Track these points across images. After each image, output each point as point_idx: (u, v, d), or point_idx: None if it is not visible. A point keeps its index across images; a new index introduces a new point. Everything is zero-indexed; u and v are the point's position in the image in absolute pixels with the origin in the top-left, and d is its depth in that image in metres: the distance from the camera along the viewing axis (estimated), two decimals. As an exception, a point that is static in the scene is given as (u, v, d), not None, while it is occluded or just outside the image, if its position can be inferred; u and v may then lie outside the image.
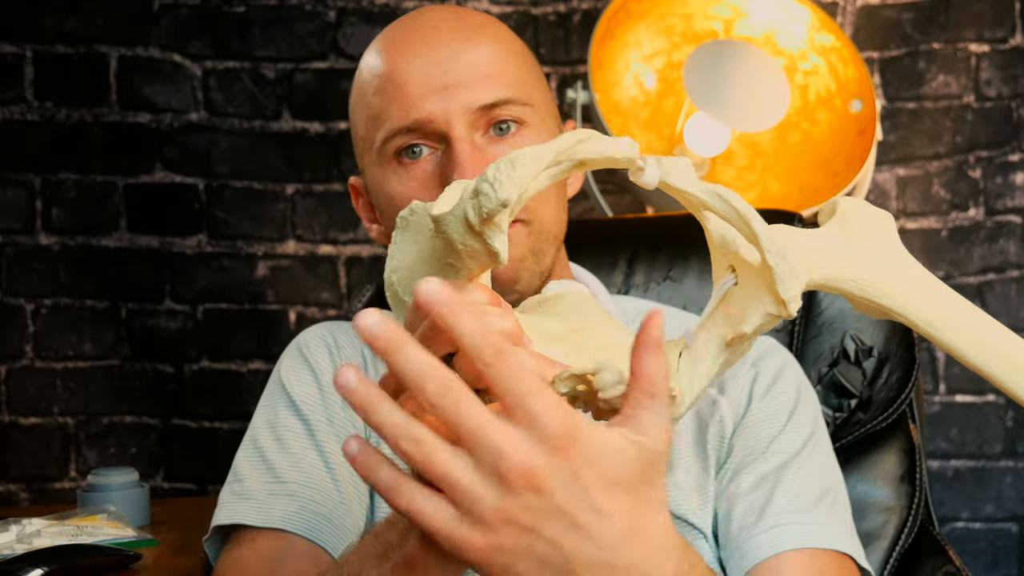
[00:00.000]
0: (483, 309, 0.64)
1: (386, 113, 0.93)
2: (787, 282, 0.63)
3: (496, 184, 0.60)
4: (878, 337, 1.28)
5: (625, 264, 1.31)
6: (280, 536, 0.93)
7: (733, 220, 0.64)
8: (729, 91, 1.81)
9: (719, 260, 0.69)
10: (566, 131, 1.02)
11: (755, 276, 0.65)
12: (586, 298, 0.73)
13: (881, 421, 1.27)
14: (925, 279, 0.70)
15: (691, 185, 0.65)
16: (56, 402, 2.10)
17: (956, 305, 0.70)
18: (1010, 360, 0.68)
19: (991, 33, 2.10)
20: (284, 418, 1.00)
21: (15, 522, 1.29)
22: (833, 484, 0.99)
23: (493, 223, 0.61)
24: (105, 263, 2.11)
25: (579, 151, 0.64)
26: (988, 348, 0.68)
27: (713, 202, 0.64)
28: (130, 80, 2.11)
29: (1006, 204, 2.11)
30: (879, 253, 0.70)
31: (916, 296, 0.69)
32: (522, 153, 0.61)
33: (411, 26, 0.96)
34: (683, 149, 1.86)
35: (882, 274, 0.69)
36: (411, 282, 0.69)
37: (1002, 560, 2.10)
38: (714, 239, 0.68)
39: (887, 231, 0.71)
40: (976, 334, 0.69)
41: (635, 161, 0.65)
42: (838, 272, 0.69)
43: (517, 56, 0.97)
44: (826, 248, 0.69)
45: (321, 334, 1.06)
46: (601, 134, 0.65)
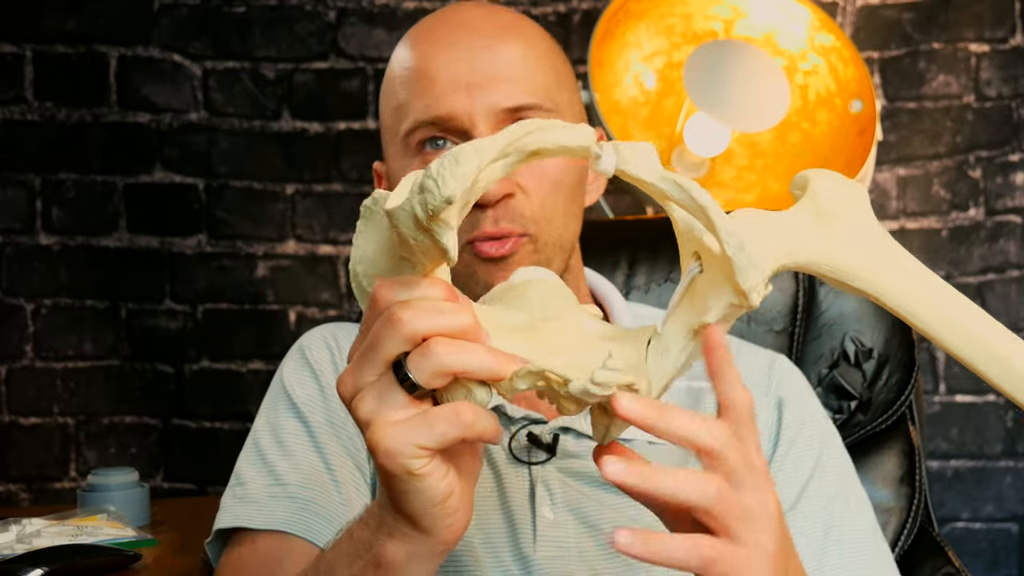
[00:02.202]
0: (437, 306, 0.63)
1: (411, 105, 0.94)
2: (746, 272, 0.62)
3: (440, 180, 0.59)
4: (878, 339, 1.28)
5: (626, 265, 1.31)
6: (280, 537, 0.93)
7: (691, 210, 0.64)
8: (729, 91, 1.81)
9: (685, 247, 0.68)
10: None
11: (718, 265, 0.64)
12: (554, 285, 0.71)
13: (881, 423, 1.27)
14: (897, 257, 0.69)
15: (648, 174, 0.64)
16: (56, 402, 2.10)
17: (928, 284, 0.69)
18: (982, 342, 0.68)
19: (991, 33, 2.10)
20: (285, 420, 1.00)
21: (15, 522, 1.29)
22: (870, 522, 1.00)
23: (440, 220, 0.60)
24: (105, 263, 2.11)
25: (529, 142, 0.63)
26: (960, 328, 0.68)
27: (671, 191, 0.64)
28: (130, 80, 2.11)
29: (1006, 204, 2.11)
30: (851, 232, 0.69)
31: (888, 276, 0.69)
32: (466, 147, 0.60)
33: (444, 20, 0.97)
34: (683, 149, 1.86)
35: (854, 255, 0.68)
36: (374, 273, 0.68)
37: (1002, 560, 2.10)
38: (679, 226, 0.67)
39: (860, 206, 0.70)
40: (949, 314, 0.68)
41: (590, 149, 0.64)
42: (809, 255, 0.68)
43: (546, 58, 0.96)
44: (796, 230, 0.68)
45: (323, 336, 1.06)
46: (556, 123, 0.63)
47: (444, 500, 0.65)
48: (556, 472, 0.94)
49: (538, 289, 0.71)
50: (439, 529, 0.66)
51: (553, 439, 0.94)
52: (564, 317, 0.69)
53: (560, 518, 0.92)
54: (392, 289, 0.64)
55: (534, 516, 0.92)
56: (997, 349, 0.68)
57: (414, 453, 0.63)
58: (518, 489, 0.93)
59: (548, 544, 0.91)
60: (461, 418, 0.63)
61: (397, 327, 0.62)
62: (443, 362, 0.62)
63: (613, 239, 1.32)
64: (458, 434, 0.63)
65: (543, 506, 0.92)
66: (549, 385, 0.64)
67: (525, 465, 0.94)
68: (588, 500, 0.93)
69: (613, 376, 0.62)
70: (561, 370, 0.63)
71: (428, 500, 0.65)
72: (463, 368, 0.62)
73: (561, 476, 0.94)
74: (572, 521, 0.92)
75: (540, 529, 0.91)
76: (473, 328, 0.63)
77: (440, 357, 0.62)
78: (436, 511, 0.66)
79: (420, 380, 0.62)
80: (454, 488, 0.66)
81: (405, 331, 0.62)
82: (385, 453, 0.63)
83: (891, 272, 0.69)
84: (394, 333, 0.63)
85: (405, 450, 0.63)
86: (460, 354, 0.62)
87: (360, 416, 0.65)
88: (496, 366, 0.63)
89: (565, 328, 0.68)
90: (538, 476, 0.93)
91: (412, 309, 0.63)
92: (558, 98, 0.96)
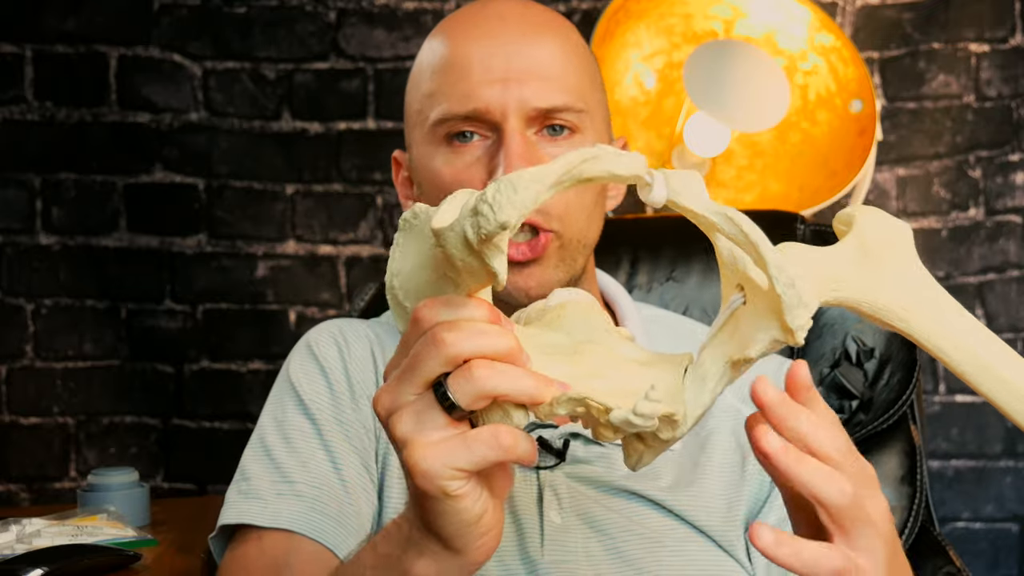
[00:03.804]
0: (480, 328, 0.62)
1: (444, 94, 0.93)
2: (795, 311, 0.62)
3: (496, 206, 0.59)
4: (879, 338, 1.28)
5: (628, 264, 1.31)
6: (286, 536, 0.92)
7: (742, 244, 0.63)
8: (729, 91, 1.81)
9: (728, 277, 0.68)
10: (616, 144, 1.03)
11: (763, 299, 0.64)
12: (591, 308, 0.71)
13: (882, 422, 1.27)
14: (939, 301, 0.70)
15: (700, 206, 0.64)
16: (56, 402, 2.10)
17: (966, 329, 0.69)
18: (1007, 383, 0.68)
19: (991, 33, 2.10)
20: (292, 417, 1.00)
21: (15, 522, 1.29)
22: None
23: (492, 244, 0.60)
24: (105, 263, 2.11)
25: (584, 170, 0.62)
26: (995, 376, 0.68)
27: (722, 224, 0.63)
28: (130, 80, 2.11)
29: (1006, 204, 2.11)
30: (894, 272, 0.69)
31: (928, 320, 0.69)
32: (525, 175, 0.60)
33: (479, 13, 0.97)
34: (683, 149, 1.86)
35: (895, 295, 0.69)
36: (412, 288, 0.67)
37: (1002, 560, 2.10)
38: (723, 256, 0.67)
39: (904, 246, 0.70)
40: (985, 361, 0.68)
41: (642, 178, 0.64)
42: (850, 293, 0.68)
43: (579, 58, 0.96)
44: (839, 267, 0.68)
45: (331, 332, 1.05)
46: (609, 150, 0.63)
47: (478, 521, 0.65)
48: (564, 477, 0.94)
49: (574, 310, 0.71)
50: (471, 549, 0.66)
51: (564, 444, 0.94)
52: (602, 340, 0.69)
53: (568, 522, 0.92)
54: (435, 309, 0.64)
55: (542, 520, 0.92)
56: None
57: (451, 475, 0.62)
58: (526, 493, 0.93)
59: (555, 548, 0.91)
60: (500, 441, 0.62)
61: (440, 348, 0.62)
62: (485, 385, 0.61)
63: (615, 238, 1.32)
64: (496, 457, 0.62)
65: (551, 510, 0.92)
66: (588, 412, 0.64)
67: (534, 470, 0.94)
68: (596, 505, 0.93)
69: (655, 408, 0.62)
70: (602, 398, 0.63)
71: (462, 521, 0.64)
72: (504, 392, 0.62)
73: (569, 481, 0.94)
74: (579, 526, 0.92)
75: (548, 533, 0.91)
76: (515, 351, 0.63)
77: (482, 380, 0.61)
78: (470, 531, 0.65)
79: (461, 402, 0.62)
80: (487, 508, 0.65)
81: (448, 352, 0.62)
82: (422, 474, 0.62)
83: (931, 316, 0.69)
84: (436, 353, 0.62)
85: (442, 472, 0.62)
86: (502, 378, 0.62)
87: (397, 435, 0.64)
88: (536, 391, 0.62)
89: (603, 352, 0.68)
90: (546, 481, 0.93)
91: (455, 330, 0.62)
92: (590, 99, 0.96)
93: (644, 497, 0.94)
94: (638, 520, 0.93)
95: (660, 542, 0.92)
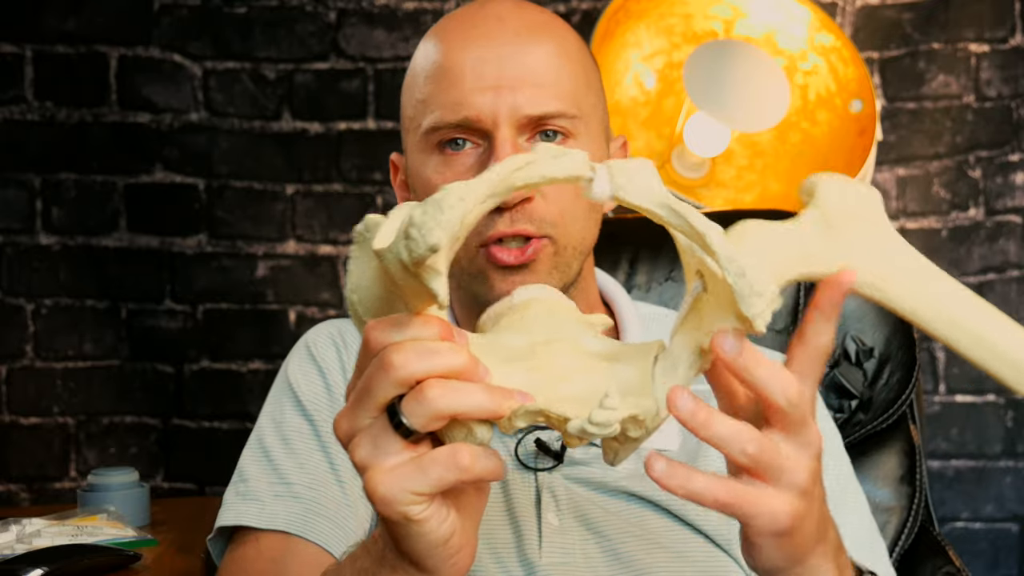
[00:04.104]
0: (430, 347, 0.61)
1: (436, 101, 0.92)
2: (748, 300, 0.60)
3: (424, 229, 0.57)
4: (879, 338, 1.28)
5: (627, 264, 1.31)
6: (284, 538, 0.92)
7: (690, 235, 0.62)
8: (729, 91, 1.81)
9: (688, 264, 0.67)
10: (615, 146, 1.02)
11: (720, 287, 0.62)
12: (556, 303, 0.70)
13: (882, 422, 1.27)
14: (916, 266, 0.67)
15: (644, 199, 0.62)
16: (56, 402, 2.10)
17: (947, 293, 0.66)
18: (1002, 349, 0.66)
19: (991, 33, 2.10)
20: (290, 418, 1.00)
21: (15, 522, 1.29)
22: (866, 515, 1.00)
23: (426, 267, 0.58)
24: (105, 263, 2.11)
25: (516, 179, 0.61)
26: (983, 341, 0.66)
27: (669, 217, 0.62)
28: (130, 80, 2.11)
29: (1006, 204, 2.11)
30: (863, 240, 0.66)
31: (905, 288, 0.66)
32: (451, 194, 0.58)
33: (473, 16, 0.95)
34: (683, 149, 1.86)
35: (868, 264, 0.66)
36: (369, 302, 0.66)
37: (1002, 560, 2.10)
38: (681, 243, 0.65)
39: (872, 213, 0.67)
40: (970, 326, 0.66)
41: (582, 177, 0.62)
42: (819, 267, 0.66)
43: (574, 63, 0.95)
44: (805, 241, 0.65)
45: (329, 332, 1.05)
46: (545, 154, 0.62)
47: (445, 543, 0.64)
48: (562, 479, 0.94)
49: (540, 308, 0.69)
50: (442, 569, 0.65)
51: (561, 446, 0.94)
52: (566, 337, 0.67)
53: (566, 525, 0.92)
54: (384, 330, 0.62)
55: (540, 522, 0.92)
56: (1017, 355, 0.66)
57: (410, 500, 0.61)
58: (524, 495, 0.93)
59: (554, 550, 0.91)
60: (458, 462, 0.61)
61: (389, 371, 0.61)
62: (438, 406, 0.60)
63: (614, 237, 1.31)
64: (455, 478, 0.61)
65: (549, 512, 0.92)
66: (548, 419, 0.63)
67: (531, 472, 0.94)
68: (594, 507, 0.93)
69: (610, 415, 0.61)
70: (559, 408, 0.62)
71: (429, 543, 0.64)
72: (459, 410, 0.61)
73: (567, 483, 0.94)
74: (578, 528, 0.92)
75: (546, 535, 0.91)
76: (470, 367, 0.61)
77: (434, 401, 0.60)
78: (437, 553, 0.64)
79: (415, 425, 0.61)
80: (455, 529, 0.64)
81: (398, 375, 0.60)
82: (381, 500, 0.62)
83: (908, 284, 0.66)
84: (387, 377, 0.61)
85: (401, 497, 0.61)
86: (455, 396, 0.60)
87: (356, 461, 0.63)
88: (492, 406, 0.61)
89: (567, 350, 0.66)
90: (544, 483, 0.93)
91: (404, 352, 0.61)
92: (584, 103, 0.94)
93: (642, 498, 0.94)
94: (636, 521, 0.93)
95: (658, 543, 0.92)
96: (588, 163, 0.63)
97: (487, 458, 0.62)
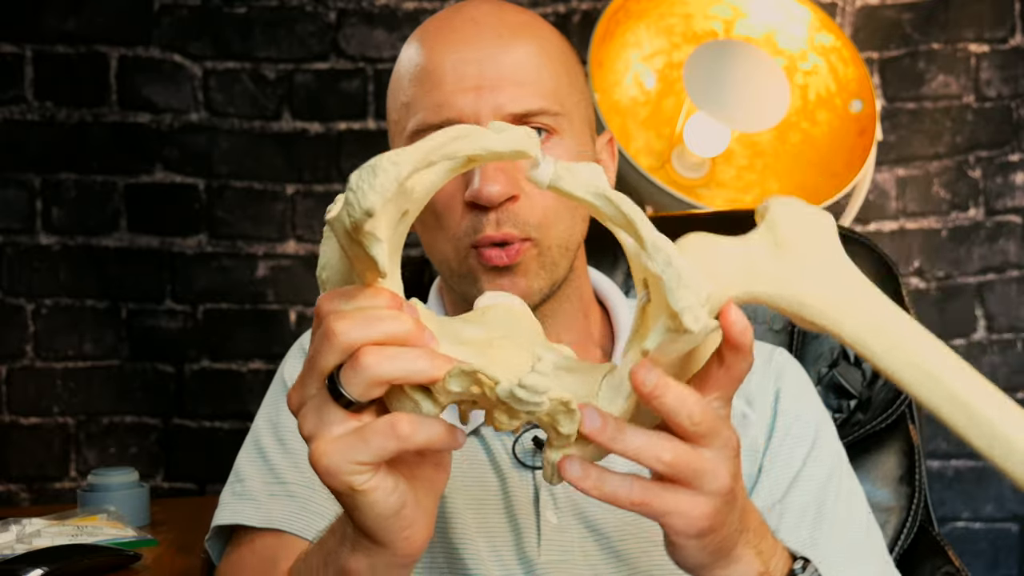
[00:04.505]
0: (373, 314, 0.61)
1: (419, 104, 0.93)
2: (676, 292, 0.59)
3: (359, 193, 0.57)
4: (878, 337, 1.28)
5: (625, 264, 1.31)
6: (279, 536, 0.93)
7: (623, 225, 0.61)
8: (729, 91, 1.81)
9: (636, 275, 0.66)
10: (601, 142, 1.02)
11: (657, 288, 0.61)
12: (516, 311, 0.70)
13: (881, 422, 1.27)
14: (858, 290, 0.64)
15: (580, 189, 0.62)
16: (56, 402, 2.10)
17: (888, 319, 0.64)
18: (948, 388, 0.62)
19: (991, 33, 2.10)
20: (286, 419, 1.00)
21: (15, 522, 1.29)
22: (862, 507, 1.00)
23: (365, 232, 0.59)
24: (105, 263, 2.11)
25: (457, 148, 0.61)
26: (939, 386, 0.62)
27: (602, 206, 0.62)
28: (130, 80, 2.11)
29: (1006, 204, 2.11)
30: (813, 266, 0.64)
31: (851, 314, 0.63)
32: (384, 158, 0.58)
33: (454, 18, 0.95)
34: (683, 149, 1.86)
35: (817, 291, 0.63)
36: (335, 280, 0.66)
37: (1002, 560, 2.10)
38: (628, 250, 0.64)
39: (822, 236, 0.65)
40: (914, 358, 0.63)
41: (527, 153, 0.62)
42: (767, 287, 0.64)
43: (556, 61, 0.95)
44: (750, 260, 0.64)
45: None
46: (486, 128, 0.62)
47: (396, 513, 0.64)
48: None
49: (501, 312, 0.69)
50: (396, 542, 0.66)
51: None
52: (524, 341, 0.67)
53: (564, 522, 0.92)
54: (332, 301, 0.63)
55: (538, 520, 0.92)
56: (963, 396, 0.62)
57: (352, 470, 0.62)
58: (522, 493, 0.93)
59: (552, 548, 0.91)
60: (397, 430, 0.61)
61: (331, 339, 0.61)
62: (373, 373, 0.60)
63: (611, 238, 1.32)
64: (397, 447, 0.61)
65: (547, 510, 0.92)
66: (482, 391, 0.61)
67: (529, 470, 0.94)
68: (592, 505, 0.93)
69: (540, 381, 0.60)
70: (492, 372, 0.61)
71: (378, 515, 0.64)
72: (395, 375, 0.61)
73: (565, 481, 0.94)
74: (576, 525, 0.92)
75: (544, 533, 0.91)
76: (414, 333, 0.61)
77: (370, 368, 0.60)
78: (389, 524, 0.65)
79: (353, 393, 0.61)
80: (406, 501, 0.65)
81: (339, 342, 0.61)
82: (324, 471, 0.62)
83: (860, 315, 0.63)
84: (329, 346, 0.61)
85: (344, 467, 0.61)
86: (391, 363, 0.60)
87: (303, 433, 0.64)
88: (430, 368, 0.61)
89: (520, 351, 0.66)
90: (542, 481, 0.93)
91: (347, 319, 0.61)
92: (567, 101, 0.94)
93: None
94: (633, 520, 0.93)
95: (656, 541, 0.92)
96: (535, 141, 0.63)
97: (429, 426, 0.62)
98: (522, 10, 0.98)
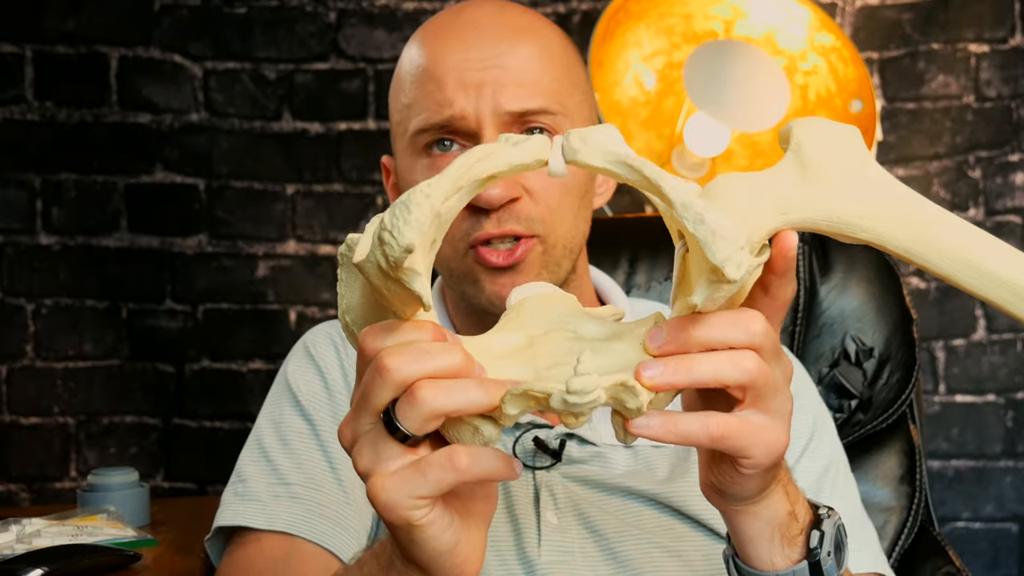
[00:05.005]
0: (423, 348, 0.61)
1: (421, 104, 0.93)
2: (713, 246, 0.58)
3: (395, 231, 0.57)
4: (878, 338, 1.28)
5: (626, 264, 1.31)
6: (285, 539, 0.93)
7: (647, 188, 0.61)
8: (729, 91, 1.81)
9: (671, 228, 0.66)
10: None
11: (695, 242, 0.60)
12: (551, 296, 0.69)
13: (881, 422, 1.27)
14: (904, 201, 0.64)
15: (597, 159, 0.61)
16: (56, 402, 2.10)
17: (934, 220, 0.64)
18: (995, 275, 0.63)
19: (991, 33, 2.10)
20: (290, 419, 1.00)
21: (15, 522, 1.29)
22: (856, 503, 1.00)
23: (404, 269, 0.58)
24: (105, 263, 2.11)
25: (480, 170, 0.61)
26: (983, 271, 0.63)
27: (624, 173, 0.61)
28: (130, 80, 2.11)
29: (1006, 204, 2.11)
30: (845, 180, 0.64)
31: (894, 225, 0.64)
32: (417, 192, 0.58)
33: (455, 19, 0.96)
34: (683, 149, 1.86)
35: (851, 205, 0.63)
36: (362, 321, 0.66)
37: (1002, 560, 2.10)
38: (660, 207, 0.64)
39: (852, 151, 0.65)
40: (967, 257, 0.64)
41: (544, 160, 0.62)
42: (802, 213, 0.63)
43: (557, 60, 0.95)
44: (780, 191, 0.63)
45: (328, 333, 1.05)
46: (505, 143, 0.62)
47: (451, 550, 0.64)
48: (560, 478, 0.94)
49: (535, 304, 0.68)
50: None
51: (560, 445, 0.94)
52: (564, 327, 0.66)
53: (564, 523, 0.92)
54: (377, 337, 0.63)
55: (539, 520, 0.92)
56: (1011, 278, 0.63)
57: (412, 504, 0.61)
58: (523, 494, 0.93)
59: (552, 548, 0.91)
60: (455, 463, 0.61)
61: (384, 376, 0.61)
62: (430, 407, 0.60)
63: (614, 237, 1.32)
64: (454, 479, 0.61)
65: (547, 511, 0.92)
66: (540, 404, 0.61)
67: (530, 470, 0.94)
68: (592, 505, 0.93)
69: (586, 381, 0.59)
70: (542, 387, 0.60)
71: (434, 551, 0.64)
72: (451, 408, 0.61)
73: (565, 481, 0.94)
74: (576, 526, 0.92)
75: (544, 533, 0.91)
76: (464, 365, 0.61)
77: (427, 402, 0.60)
78: (443, 561, 0.64)
79: (410, 428, 0.61)
80: (460, 536, 0.64)
81: (393, 379, 0.60)
82: (384, 506, 0.62)
83: (897, 220, 0.64)
84: (383, 382, 0.61)
85: (403, 502, 0.61)
86: (446, 395, 0.60)
87: (359, 468, 0.63)
88: (485, 398, 0.61)
89: (564, 339, 0.65)
90: (542, 481, 0.93)
91: (398, 355, 0.61)
92: (568, 101, 0.95)
93: (640, 494, 0.94)
94: (633, 520, 0.93)
95: (656, 541, 0.92)
96: (550, 145, 0.62)
97: (487, 458, 0.62)
98: (524, 10, 0.98)
